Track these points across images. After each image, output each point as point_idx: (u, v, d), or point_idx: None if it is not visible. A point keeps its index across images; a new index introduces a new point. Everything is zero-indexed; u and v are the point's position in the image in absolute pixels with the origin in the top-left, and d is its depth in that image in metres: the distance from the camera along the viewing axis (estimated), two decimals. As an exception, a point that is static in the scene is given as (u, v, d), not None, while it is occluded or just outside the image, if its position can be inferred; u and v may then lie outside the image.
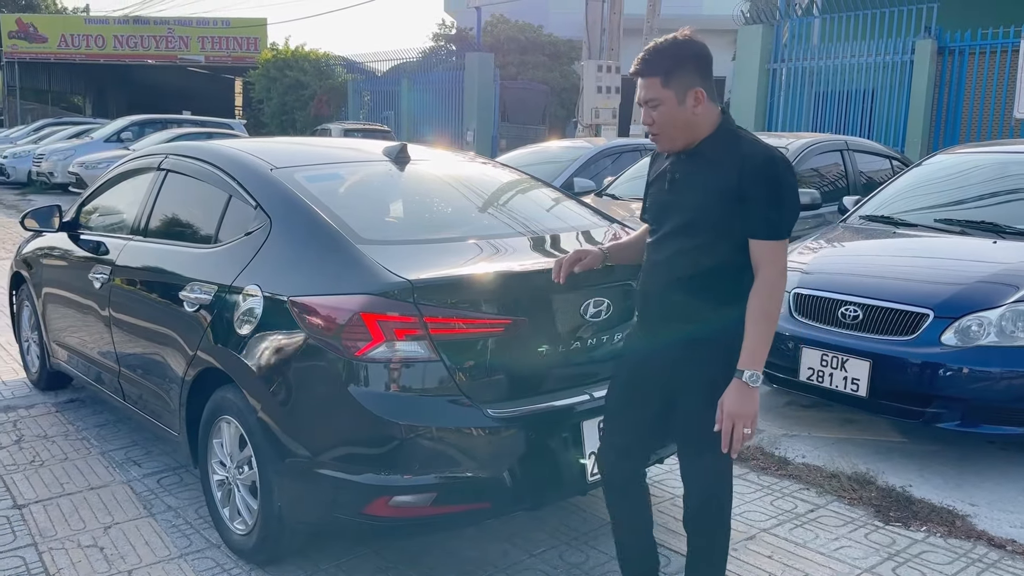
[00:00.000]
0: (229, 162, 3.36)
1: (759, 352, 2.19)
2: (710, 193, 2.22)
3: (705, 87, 2.23)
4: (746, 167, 2.18)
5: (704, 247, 2.25)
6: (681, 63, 2.23)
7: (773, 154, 2.21)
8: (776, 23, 12.90)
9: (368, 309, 2.52)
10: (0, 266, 9.19)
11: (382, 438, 2.51)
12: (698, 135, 2.27)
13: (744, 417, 2.18)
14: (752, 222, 2.19)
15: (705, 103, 2.24)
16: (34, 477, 3.77)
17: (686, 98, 2.22)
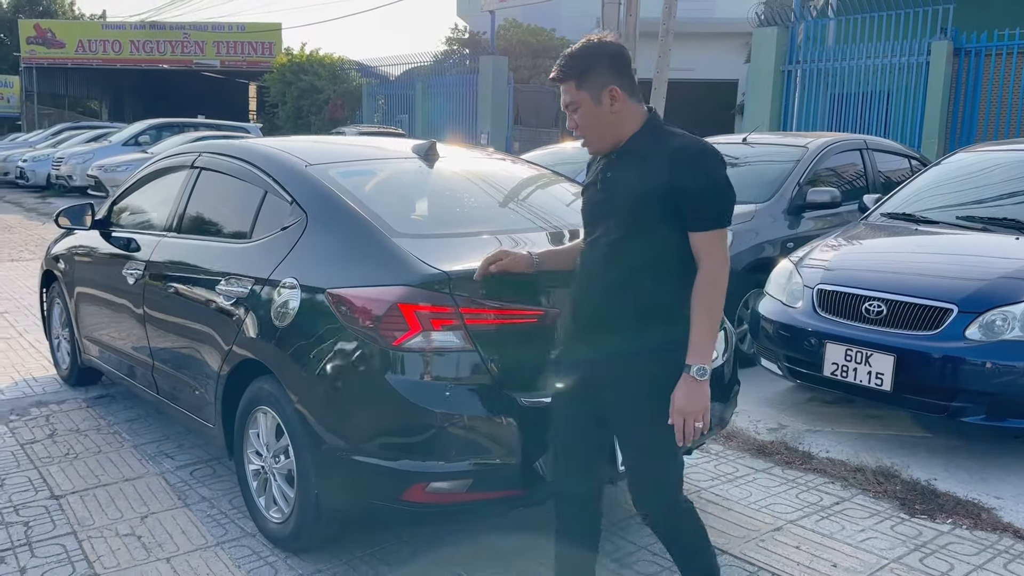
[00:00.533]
0: (264, 159, 3.42)
1: (703, 346, 2.18)
2: (642, 190, 2.20)
3: (621, 85, 2.23)
4: (677, 160, 2.16)
5: (638, 245, 2.23)
6: (593, 64, 2.23)
7: (704, 146, 2.21)
8: (791, 25, 12.91)
9: (405, 300, 2.58)
10: (26, 267, 9.34)
11: (419, 425, 2.56)
12: (623, 133, 2.27)
13: (694, 412, 2.17)
14: (688, 215, 2.17)
15: (623, 101, 2.24)
16: (69, 469, 3.84)
17: (602, 97, 2.23)
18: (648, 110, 2.30)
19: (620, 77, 2.24)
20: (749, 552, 3.11)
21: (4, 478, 3.73)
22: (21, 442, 4.16)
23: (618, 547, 3.14)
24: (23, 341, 6.09)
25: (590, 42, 2.28)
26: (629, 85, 2.26)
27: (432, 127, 21.59)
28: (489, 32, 23.85)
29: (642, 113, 2.28)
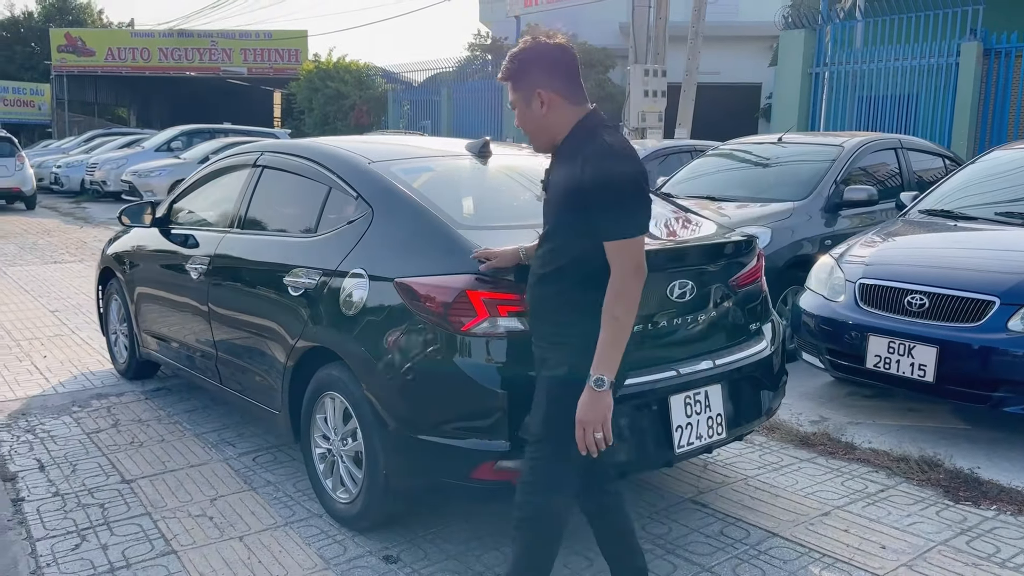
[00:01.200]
0: (328, 157, 3.57)
1: (606, 356, 2.14)
2: (563, 194, 2.21)
3: (555, 88, 2.22)
4: (586, 167, 2.14)
5: (561, 248, 2.23)
6: (525, 67, 2.25)
7: (612, 152, 2.15)
8: (818, 27, 12.95)
9: (473, 287, 2.70)
10: (69, 269, 9.59)
11: (487, 407, 2.68)
12: (556, 136, 2.27)
13: (591, 423, 2.13)
14: (596, 223, 2.15)
15: (554, 105, 2.23)
16: (136, 456, 4.01)
17: (532, 100, 2.24)
18: (589, 111, 2.26)
19: (553, 80, 2.23)
20: (799, 535, 3.20)
21: (76, 464, 3.90)
22: (87, 431, 4.33)
23: (670, 529, 3.24)
24: (76, 338, 6.29)
25: (528, 44, 2.28)
26: (565, 88, 2.24)
27: (457, 132, 21.78)
28: (512, 37, 24.05)
29: (577, 114, 2.25)
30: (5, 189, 16.25)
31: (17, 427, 4.39)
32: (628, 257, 2.14)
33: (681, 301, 2.97)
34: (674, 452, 2.89)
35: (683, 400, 2.91)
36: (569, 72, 2.26)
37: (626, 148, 2.20)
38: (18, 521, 3.33)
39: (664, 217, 3.52)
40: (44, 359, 5.69)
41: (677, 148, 8.26)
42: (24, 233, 13.07)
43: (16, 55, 39.28)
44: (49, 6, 40.93)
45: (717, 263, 3.14)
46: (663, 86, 11.19)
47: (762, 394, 3.27)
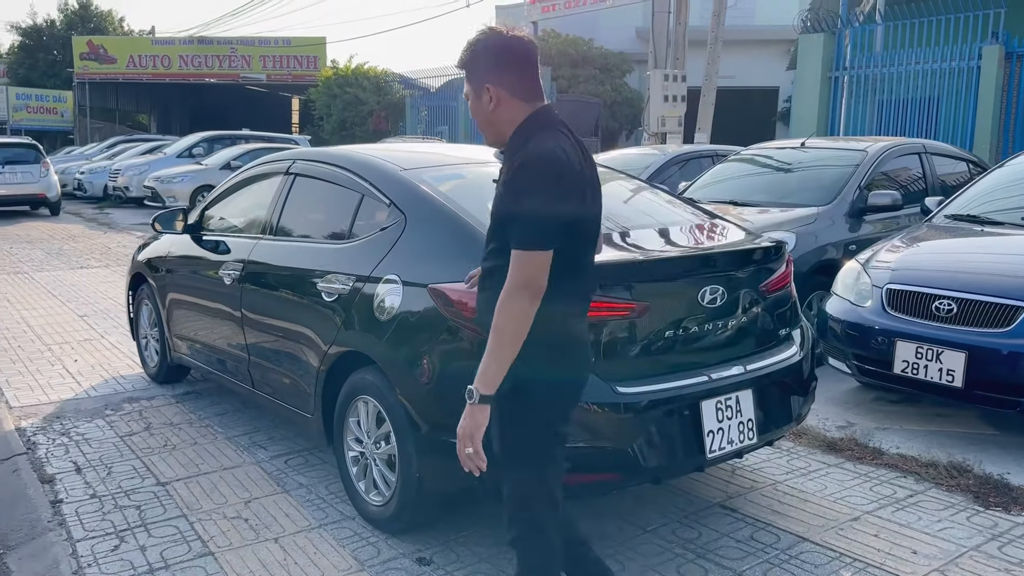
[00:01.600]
0: (361, 165, 3.62)
1: (482, 368, 2.02)
2: (496, 197, 2.15)
3: (503, 83, 2.10)
4: (510, 170, 2.06)
5: (496, 251, 2.14)
6: (475, 58, 2.14)
7: (533, 159, 2.02)
8: (837, 31, 12.91)
9: (508, 293, 2.73)
10: (95, 274, 9.72)
11: (523, 411, 2.71)
12: (503, 132, 2.15)
13: (463, 438, 2.04)
14: (508, 228, 2.06)
15: (502, 100, 2.11)
16: (169, 459, 4.07)
17: (482, 94, 2.13)
18: (537, 109, 2.13)
19: (502, 74, 2.11)
20: (829, 539, 3.21)
21: (111, 466, 3.97)
22: (120, 434, 4.41)
23: (700, 534, 3.26)
24: (105, 342, 6.38)
25: (484, 34, 2.15)
26: (516, 83, 2.11)
27: (475, 137, 21.86)
28: (531, 43, 24.05)
29: (525, 112, 2.13)
30: (31, 195, 16.47)
31: (52, 430, 4.47)
32: (520, 269, 1.99)
33: (712, 307, 2.99)
34: (706, 457, 2.91)
35: (714, 405, 2.93)
36: (522, 67, 2.13)
37: (551, 156, 2.02)
38: (58, 522, 3.40)
39: (692, 222, 3.56)
40: (75, 363, 5.78)
41: (697, 153, 8.27)
42: (50, 238, 13.25)
43: (39, 63, 39.79)
44: (71, 14, 41.44)
45: (747, 269, 3.16)
46: (683, 91, 11.20)
47: (792, 399, 3.29)
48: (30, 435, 4.38)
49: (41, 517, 3.45)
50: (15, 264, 10.50)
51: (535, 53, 2.14)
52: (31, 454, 4.12)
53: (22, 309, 7.62)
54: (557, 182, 2.01)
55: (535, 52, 2.14)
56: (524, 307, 1.99)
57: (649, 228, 3.35)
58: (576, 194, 2.06)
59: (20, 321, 7.10)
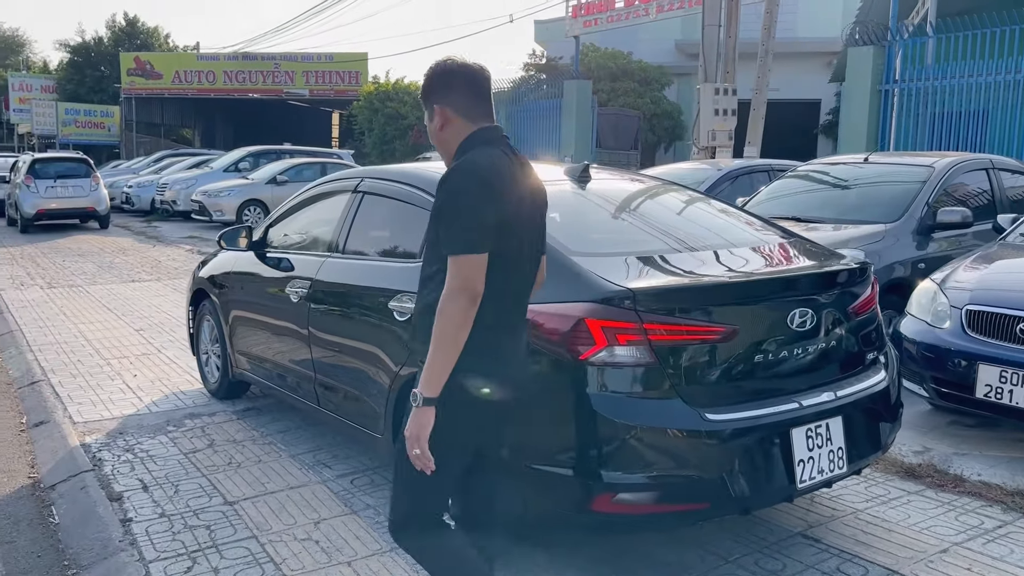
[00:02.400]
0: (431, 183, 3.57)
1: (424, 371, 2.08)
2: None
3: (451, 104, 2.23)
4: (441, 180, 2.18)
5: (430, 258, 2.27)
6: (428, 83, 2.28)
7: (461, 167, 2.14)
8: (887, 44, 12.71)
9: (592, 315, 2.67)
10: (148, 287, 9.83)
11: (608, 437, 2.64)
12: (451, 151, 2.27)
13: (410, 439, 2.10)
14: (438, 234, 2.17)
15: (449, 121, 2.24)
16: (235, 477, 4.05)
17: (433, 116, 2.27)
18: (479, 128, 2.24)
19: (449, 96, 2.24)
20: (920, 573, 3.08)
21: (178, 484, 3.96)
22: (184, 451, 4.41)
23: (785, 566, 3.15)
24: (163, 357, 6.43)
25: (436, 62, 2.31)
26: (460, 105, 2.24)
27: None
28: (567, 57, 24.12)
29: (467, 132, 2.25)
30: (81, 208, 16.79)
31: (116, 446, 4.48)
32: (453, 274, 2.07)
33: (802, 330, 2.90)
34: (796, 487, 2.81)
35: (805, 433, 2.83)
36: (466, 89, 2.25)
37: (474, 165, 2.13)
38: (129, 542, 3.39)
39: (771, 241, 3.47)
40: (135, 378, 5.82)
41: (753, 167, 8.13)
42: (100, 252, 13.47)
43: (87, 79, 40.74)
44: (119, 31, 42.42)
45: (836, 290, 3.07)
46: (733, 104, 11.08)
47: (881, 426, 3.17)
48: (95, 451, 4.40)
49: (112, 536, 3.44)
50: (68, 277, 10.67)
51: (482, 78, 2.27)
52: (98, 471, 4.13)
53: (79, 323, 7.72)
54: (481, 187, 2.10)
55: (482, 77, 2.28)
56: (462, 310, 2.06)
57: (730, 247, 3.26)
58: (502, 199, 2.13)
59: (78, 335, 7.18)
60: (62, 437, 4.61)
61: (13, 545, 3.48)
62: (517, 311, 2.30)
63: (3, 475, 4.22)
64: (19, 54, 61.25)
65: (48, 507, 3.85)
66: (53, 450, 4.49)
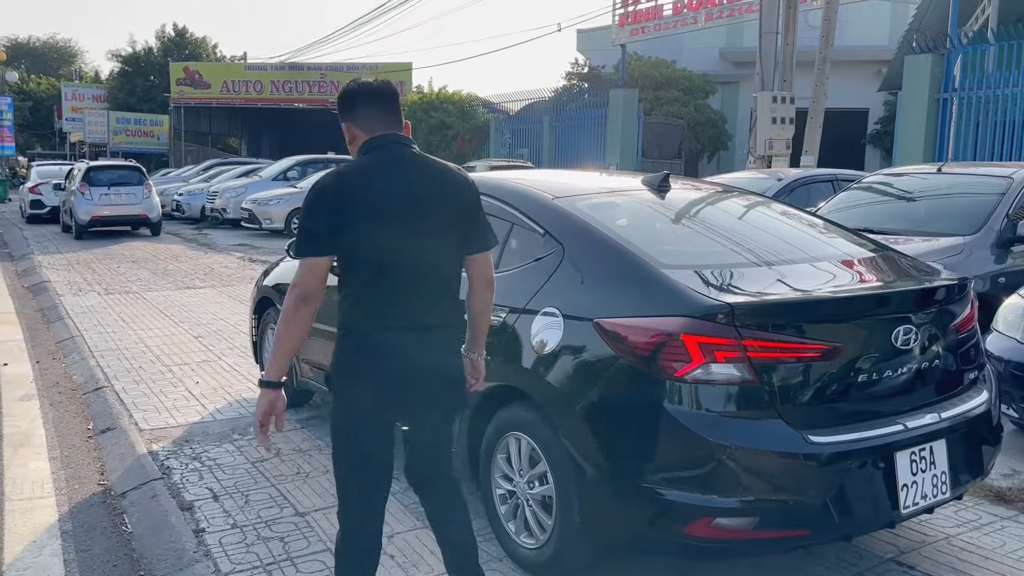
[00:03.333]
0: (509, 193, 3.53)
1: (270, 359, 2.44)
2: None
3: (353, 120, 2.46)
4: None
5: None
6: (339, 104, 2.50)
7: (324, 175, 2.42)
8: (946, 52, 12.42)
9: (688, 331, 2.58)
10: (204, 295, 9.93)
11: (705, 459, 2.54)
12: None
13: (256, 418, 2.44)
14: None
15: (353, 135, 2.48)
16: (304, 487, 4.01)
17: (344, 133, 2.50)
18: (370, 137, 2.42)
19: (351, 114, 2.47)
20: (1026, 605, 2.93)
21: (247, 494, 3.93)
22: (251, 460, 4.39)
23: (879, 593, 3.01)
24: (223, 364, 6.45)
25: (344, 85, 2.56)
26: (359, 119, 2.45)
27: (558, 160, 21.84)
28: (609, 66, 24.04)
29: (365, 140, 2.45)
30: (134, 215, 17.09)
31: (183, 454, 4.48)
32: (295, 275, 2.32)
33: (905, 348, 2.77)
34: (900, 512, 2.69)
35: (909, 457, 2.70)
36: (367, 105, 2.45)
37: (329, 175, 2.36)
38: (203, 553, 3.36)
39: (866, 254, 3.34)
40: (197, 385, 5.84)
41: (817, 177, 7.95)
42: (154, 259, 13.67)
43: (137, 88, 41.62)
44: (167, 41, 43.28)
45: (938, 307, 2.93)
46: (791, 113, 10.88)
47: (983, 449, 3.02)
48: (163, 459, 4.40)
49: (186, 547, 3.41)
50: (124, 283, 10.82)
51: (381, 93, 2.47)
52: (167, 479, 4.13)
53: (138, 329, 7.80)
54: (316, 197, 2.32)
55: (381, 92, 2.47)
56: (291, 305, 2.31)
57: (823, 260, 3.14)
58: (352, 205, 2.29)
59: (138, 341, 7.25)
60: (129, 444, 4.63)
61: (89, 554, 3.47)
62: (402, 308, 2.37)
63: (75, 482, 4.23)
64: (72, 64, 62.89)
65: (120, 515, 3.85)
66: (121, 457, 4.50)
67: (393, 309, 2.35)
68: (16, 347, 7.26)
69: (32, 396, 5.73)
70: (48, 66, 60.00)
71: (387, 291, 2.34)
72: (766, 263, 3.02)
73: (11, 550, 3.48)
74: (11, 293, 10.36)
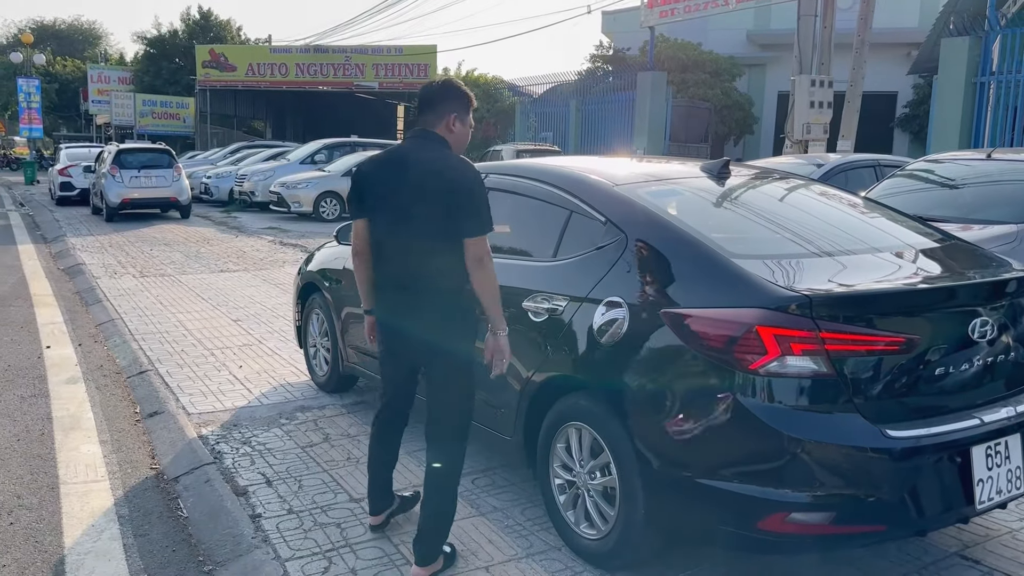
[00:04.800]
0: (568, 180, 3.49)
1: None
2: None
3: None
4: None
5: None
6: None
7: None
8: (984, 35, 12.16)
9: (765, 322, 2.53)
10: (238, 278, 9.96)
11: (781, 453, 2.50)
12: None
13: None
14: None
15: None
16: (356, 473, 4.02)
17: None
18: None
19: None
20: (1099, 603, 2.88)
21: (301, 480, 3.95)
22: (301, 445, 4.40)
23: (947, 588, 2.97)
24: (264, 348, 6.47)
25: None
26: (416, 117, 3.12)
27: (584, 143, 21.72)
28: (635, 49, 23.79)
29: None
30: (164, 198, 17.18)
31: (233, 439, 4.50)
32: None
33: (981, 341, 2.71)
34: (975, 507, 2.64)
35: (984, 451, 2.65)
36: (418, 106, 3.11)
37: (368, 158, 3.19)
38: (262, 539, 3.37)
39: (936, 245, 3.27)
40: (240, 368, 5.86)
41: (860, 163, 7.80)
42: (185, 241, 13.75)
43: (163, 70, 41.73)
44: (192, 24, 43.34)
45: (1010, 299, 2.87)
46: (829, 97, 10.70)
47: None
48: (213, 443, 4.42)
49: (244, 533, 3.43)
50: (158, 267, 10.89)
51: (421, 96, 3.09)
52: (219, 463, 4.15)
53: (176, 312, 7.85)
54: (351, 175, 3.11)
55: (421, 96, 3.09)
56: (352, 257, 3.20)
57: (894, 250, 3.09)
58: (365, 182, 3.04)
59: (178, 325, 7.30)
60: (179, 428, 4.66)
61: (147, 538, 3.50)
62: (391, 267, 3.01)
63: (128, 466, 4.27)
64: (96, 46, 63.21)
65: (175, 499, 3.87)
66: (172, 441, 4.53)
67: (391, 267, 3.00)
68: (57, 330, 7.33)
69: (78, 379, 5.78)
70: (74, 48, 60.36)
71: (383, 256, 3.03)
72: (838, 252, 2.97)
73: (71, 534, 3.52)
74: (48, 275, 10.45)
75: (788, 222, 3.23)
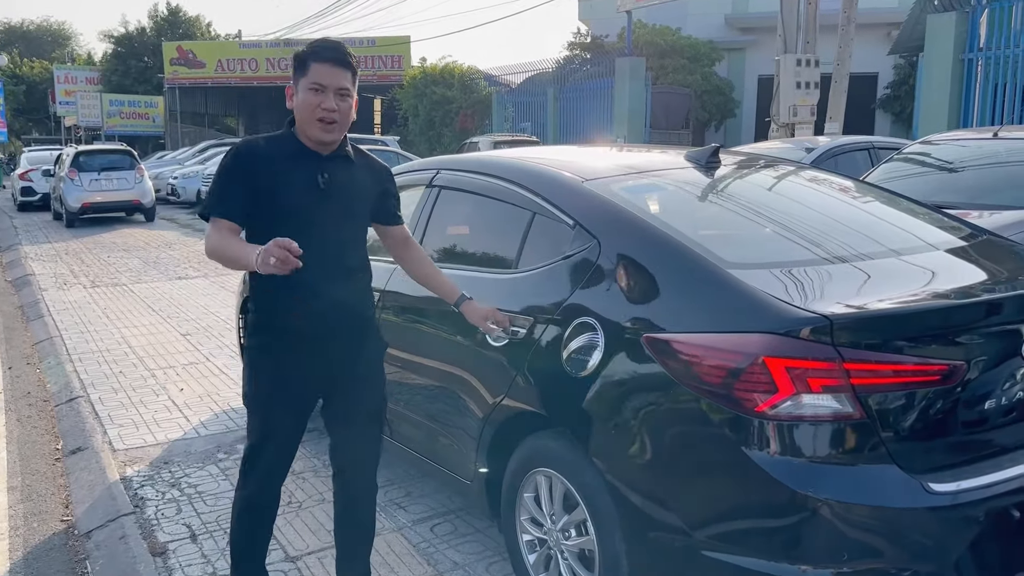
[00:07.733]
0: (528, 175, 2.94)
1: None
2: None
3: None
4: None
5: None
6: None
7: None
8: (970, 10, 11.72)
9: (773, 352, 2.00)
10: (195, 285, 9.36)
11: (797, 517, 1.97)
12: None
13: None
14: None
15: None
16: (297, 522, 3.48)
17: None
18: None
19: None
20: None
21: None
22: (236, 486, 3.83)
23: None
24: (212, 366, 5.90)
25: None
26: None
27: (564, 133, 21.18)
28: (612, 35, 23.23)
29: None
30: (126, 201, 16.46)
31: (161, 480, 3.94)
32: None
33: (1045, 365, 2.19)
34: (1037, 572, 2.12)
35: (1049, 501, 2.13)
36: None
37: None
38: (175, 613, 2.82)
39: (967, 244, 2.75)
40: (181, 392, 5.29)
41: (854, 145, 7.26)
42: (146, 246, 13.09)
43: (131, 69, 40.70)
44: (160, 20, 42.31)
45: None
46: (816, 77, 10.19)
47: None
48: (136, 487, 3.86)
49: (155, 606, 2.87)
50: (113, 275, 10.26)
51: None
52: (139, 513, 3.59)
53: (122, 327, 7.25)
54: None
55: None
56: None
57: (923, 252, 2.56)
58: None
59: (121, 341, 6.70)
60: (100, 469, 4.08)
61: (40, 615, 2.94)
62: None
63: (34, 518, 3.69)
64: (66, 47, 61.92)
65: (82, 561, 3.31)
66: (91, 485, 3.96)
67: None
68: (-10, 350, 6.72)
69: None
70: (42, 50, 58.97)
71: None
72: (856, 257, 2.44)
73: (-49, 611, 2.95)
74: (-7, 288, 9.81)
75: (793, 220, 2.69)
